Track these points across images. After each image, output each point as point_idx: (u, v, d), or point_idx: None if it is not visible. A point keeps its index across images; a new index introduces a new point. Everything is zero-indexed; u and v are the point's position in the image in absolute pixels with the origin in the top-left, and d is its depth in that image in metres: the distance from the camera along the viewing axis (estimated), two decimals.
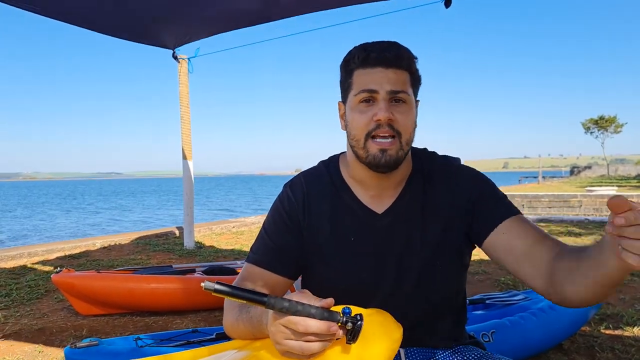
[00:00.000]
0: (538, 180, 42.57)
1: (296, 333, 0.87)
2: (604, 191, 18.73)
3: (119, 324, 3.45)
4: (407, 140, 1.15)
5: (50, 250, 6.45)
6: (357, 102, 1.15)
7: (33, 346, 3.01)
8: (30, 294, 4.21)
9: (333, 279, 1.24)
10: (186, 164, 6.65)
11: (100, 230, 20.01)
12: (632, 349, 2.74)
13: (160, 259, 5.94)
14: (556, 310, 2.63)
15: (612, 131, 59.59)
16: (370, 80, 1.13)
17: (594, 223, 9.16)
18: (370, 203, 1.24)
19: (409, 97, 1.14)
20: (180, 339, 2.36)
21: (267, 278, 1.24)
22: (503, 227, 1.15)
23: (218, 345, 1.16)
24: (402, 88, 1.13)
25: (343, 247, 1.23)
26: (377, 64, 1.13)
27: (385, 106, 1.11)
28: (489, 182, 1.26)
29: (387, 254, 1.22)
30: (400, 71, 1.14)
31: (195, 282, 3.68)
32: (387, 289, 1.21)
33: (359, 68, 1.15)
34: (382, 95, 1.12)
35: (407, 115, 1.14)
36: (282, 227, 1.27)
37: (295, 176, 1.34)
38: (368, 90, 1.12)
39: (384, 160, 1.13)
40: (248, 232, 8.67)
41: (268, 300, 0.87)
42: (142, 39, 4.89)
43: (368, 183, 1.23)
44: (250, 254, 1.29)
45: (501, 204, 1.20)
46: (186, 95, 6.52)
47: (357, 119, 1.15)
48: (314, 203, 1.26)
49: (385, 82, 1.12)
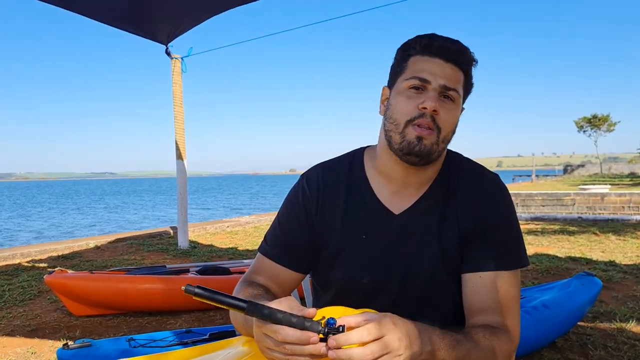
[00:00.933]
0: (532, 179, 42.70)
1: (276, 341, 0.86)
2: (597, 189, 18.82)
3: (113, 325, 3.43)
4: (445, 137, 1.11)
5: (43, 250, 6.42)
6: (406, 86, 1.11)
7: (26, 347, 3.00)
8: (23, 294, 4.19)
9: (339, 276, 1.21)
10: (180, 163, 6.64)
11: (93, 231, 19.94)
12: (624, 347, 2.76)
13: (154, 259, 5.92)
14: (550, 308, 2.64)
15: (605, 129, 59.86)
16: (426, 69, 1.10)
17: (587, 221, 9.21)
18: (389, 201, 1.20)
19: (458, 97, 1.11)
20: (174, 339, 2.35)
21: (277, 271, 1.23)
22: (479, 277, 1.13)
23: (211, 344, 1.16)
24: (455, 86, 1.10)
25: (353, 244, 1.20)
26: (437, 55, 1.10)
27: (435, 97, 1.08)
28: (506, 216, 1.18)
29: (396, 257, 1.18)
30: (458, 69, 1.11)
31: (189, 282, 3.67)
32: (391, 293, 1.18)
33: (417, 54, 1.12)
34: (434, 86, 1.08)
35: (452, 113, 1.11)
36: (294, 219, 1.24)
37: (312, 167, 1.31)
38: (420, 78, 1.09)
39: (418, 148, 1.08)
40: (242, 231, 8.66)
41: (248, 306, 0.85)
42: (136, 30, 4.86)
43: (393, 176, 1.19)
44: (263, 243, 1.28)
45: (500, 249, 1.15)
46: (180, 94, 6.51)
47: (403, 102, 1.11)
48: (329, 196, 1.23)
49: (440, 75, 1.09)
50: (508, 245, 1.16)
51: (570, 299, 2.79)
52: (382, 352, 0.81)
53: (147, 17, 4.59)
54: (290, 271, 1.23)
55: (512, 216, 1.19)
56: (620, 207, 15.58)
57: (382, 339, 0.81)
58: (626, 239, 6.76)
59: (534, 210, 16.09)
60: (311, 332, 0.84)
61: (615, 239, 6.85)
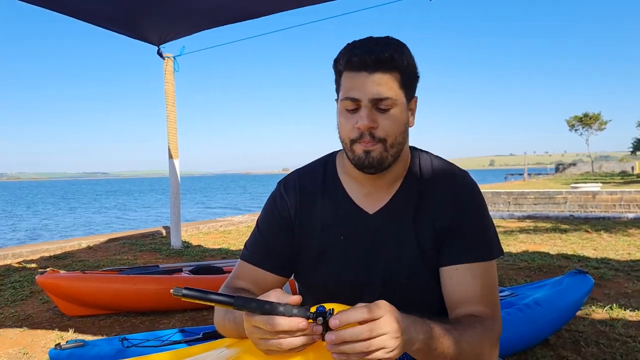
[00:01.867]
0: (524, 178, 42.90)
1: (267, 332, 0.88)
2: (589, 187, 18.93)
3: (105, 325, 3.42)
4: (393, 143, 1.12)
5: (35, 251, 6.37)
6: (342, 107, 1.13)
7: (18, 348, 2.97)
8: (15, 295, 4.16)
9: (322, 278, 1.24)
10: (172, 163, 6.61)
11: (86, 231, 19.84)
12: (616, 343, 2.77)
13: (146, 259, 5.89)
14: (542, 306, 2.65)
15: (597, 128, 60.28)
16: (355, 86, 1.09)
17: (579, 219, 9.25)
18: (363, 202, 1.23)
19: (394, 102, 1.10)
20: (167, 339, 2.34)
21: (258, 276, 1.25)
22: (455, 269, 1.16)
23: (204, 344, 1.15)
24: (387, 94, 1.08)
25: (333, 246, 1.23)
26: (360, 68, 1.09)
27: (367, 115, 1.08)
28: (478, 211, 1.22)
29: (376, 256, 1.21)
30: (387, 74, 1.09)
31: (182, 282, 3.66)
32: (374, 293, 1.20)
33: (345, 70, 1.12)
34: (365, 102, 1.09)
35: (393, 120, 1.11)
36: (273, 225, 1.27)
37: (289, 174, 1.34)
38: (351, 98, 1.10)
39: (367, 161, 1.12)
40: (235, 231, 8.64)
41: (235, 301, 0.87)
42: (126, 31, 4.84)
43: (362, 181, 1.23)
44: (244, 250, 1.31)
45: (474, 243, 1.18)
46: (172, 94, 6.48)
47: (343, 124, 1.14)
48: (306, 201, 1.26)
49: (369, 89, 1.08)
50: (482, 238, 1.19)
51: (563, 297, 2.80)
52: (380, 331, 0.83)
53: (138, 21, 4.58)
54: (272, 274, 1.26)
55: (483, 211, 1.23)
56: (612, 205, 15.68)
57: (380, 319, 0.84)
58: (617, 237, 6.80)
59: (526, 208, 16.15)
60: (299, 318, 0.86)
61: (606, 236, 6.89)
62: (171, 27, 4.81)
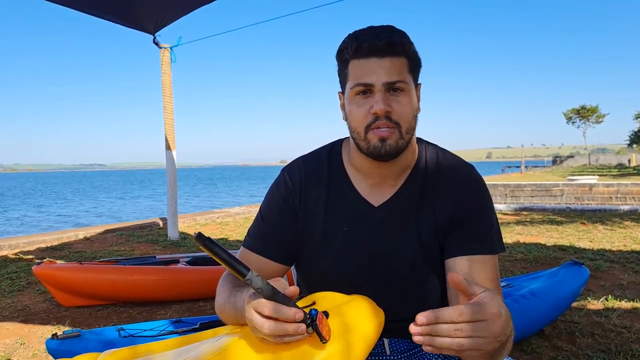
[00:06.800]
0: (521, 170, 42.99)
1: (266, 317, 0.88)
2: (585, 180, 18.97)
3: (102, 315, 3.42)
4: (407, 128, 1.12)
5: (32, 242, 6.37)
6: (353, 94, 1.12)
7: (15, 338, 2.98)
8: (12, 286, 4.16)
9: (323, 268, 1.23)
10: (169, 154, 6.60)
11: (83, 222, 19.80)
12: (611, 334, 2.79)
13: (143, 250, 5.90)
14: (538, 297, 2.67)
15: (594, 121, 60.33)
16: (365, 72, 1.09)
17: (575, 211, 9.28)
18: (368, 194, 1.22)
19: (407, 85, 1.10)
20: (164, 329, 2.34)
21: (260, 263, 1.23)
22: (460, 262, 1.15)
23: (199, 333, 1.16)
24: (399, 77, 1.09)
25: (335, 236, 1.22)
26: (370, 54, 1.09)
27: (382, 98, 1.08)
28: (484, 206, 1.21)
29: (378, 248, 1.20)
30: (397, 58, 1.09)
31: (179, 273, 3.66)
32: (375, 283, 1.20)
33: (353, 59, 1.12)
34: (378, 87, 1.08)
35: (406, 104, 1.11)
36: (277, 212, 1.26)
37: (293, 160, 1.32)
38: (363, 83, 1.09)
39: (384, 150, 1.10)
40: (233, 222, 8.64)
41: (250, 274, 0.85)
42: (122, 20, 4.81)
43: (368, 172, 1.21)
44: (247, 237, 1.29)
45: (479, 236, 1.17)
46: (169, 85, 6.45)
47: (355, 111, 1.12)
48: (311, 189, 1.25)
49: (381, 73, 1.08)
50: (486, 232, 1.18)
51: (558, 288, 2.81)
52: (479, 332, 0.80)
53: (133, 7, 4.54)
54: (274, 263, 1.24)
55: (489, 205, 1.22)
56: (608, 198, 15.72)
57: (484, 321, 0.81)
58: (613, 229, 6.83)
59: (523, 200, 16.18)
60: (295, 309, 0.87)
61: (602, 228, 6.92)
62: (166, 10, 4.76)
